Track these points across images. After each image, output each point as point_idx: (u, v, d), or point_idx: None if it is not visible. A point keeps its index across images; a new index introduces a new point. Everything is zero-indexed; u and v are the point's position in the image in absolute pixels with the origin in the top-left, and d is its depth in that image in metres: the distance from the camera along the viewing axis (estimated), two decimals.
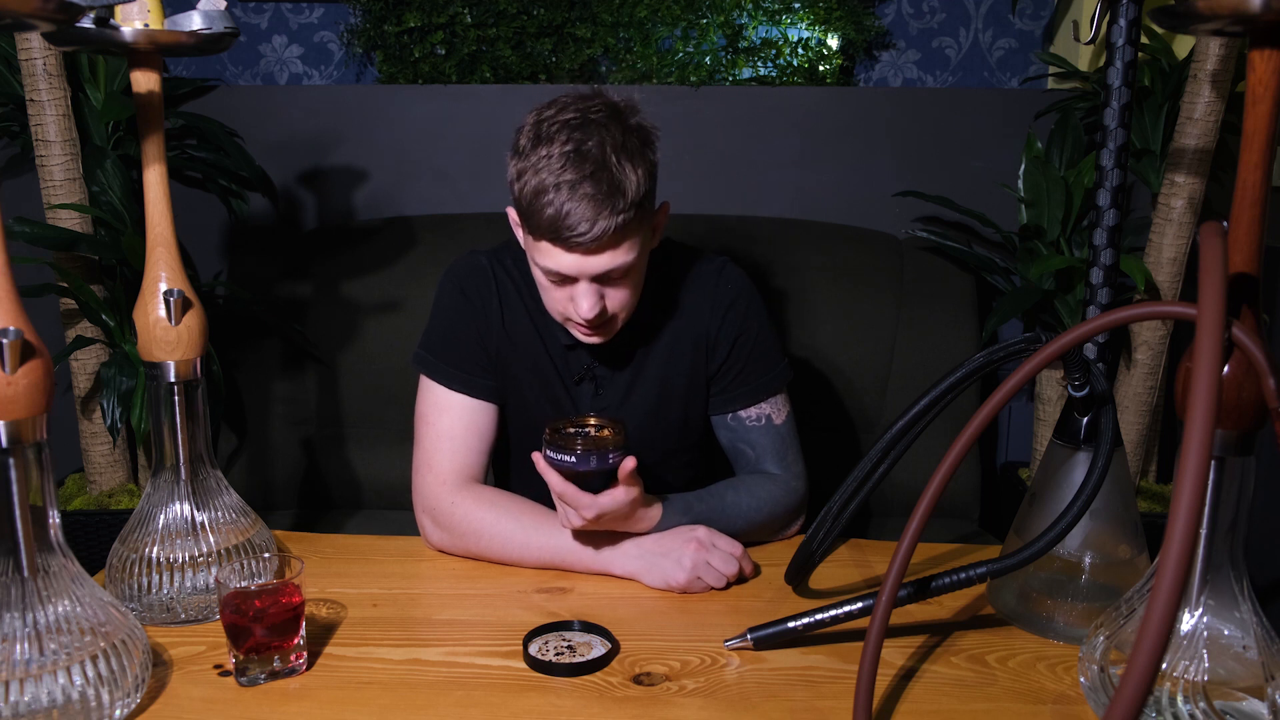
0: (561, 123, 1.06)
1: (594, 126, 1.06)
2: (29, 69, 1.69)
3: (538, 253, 1.09)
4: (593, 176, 1.03)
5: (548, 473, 1.05)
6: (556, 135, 1.05)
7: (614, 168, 1.04)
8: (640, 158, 1.07)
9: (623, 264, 1.08)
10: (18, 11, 0.71)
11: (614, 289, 1.11)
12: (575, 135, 1.05)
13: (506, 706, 0.87)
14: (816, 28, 2.05)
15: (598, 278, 1.09)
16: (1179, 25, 0.76)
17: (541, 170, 1.04)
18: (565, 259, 1.07)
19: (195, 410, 1.03)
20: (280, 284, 1.89)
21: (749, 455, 1.26)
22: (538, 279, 1.14)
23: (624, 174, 1.05)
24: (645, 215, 1.10)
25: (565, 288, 1.11)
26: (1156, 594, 0.51)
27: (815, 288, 1.84)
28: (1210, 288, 0.63)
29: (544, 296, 1.16)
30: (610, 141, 1.05)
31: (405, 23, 2.02)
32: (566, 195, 1.03)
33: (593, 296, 1.09)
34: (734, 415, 1.26)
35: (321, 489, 1.89)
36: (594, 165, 1.04)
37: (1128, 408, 1.85)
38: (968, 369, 0.90)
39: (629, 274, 1.11)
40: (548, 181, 1.03)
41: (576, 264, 1.07)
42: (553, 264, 1.08)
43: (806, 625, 0.95)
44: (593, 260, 1.07)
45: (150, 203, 1.01)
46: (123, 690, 0.83)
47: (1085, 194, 1.83)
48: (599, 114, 1.07)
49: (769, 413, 1.26)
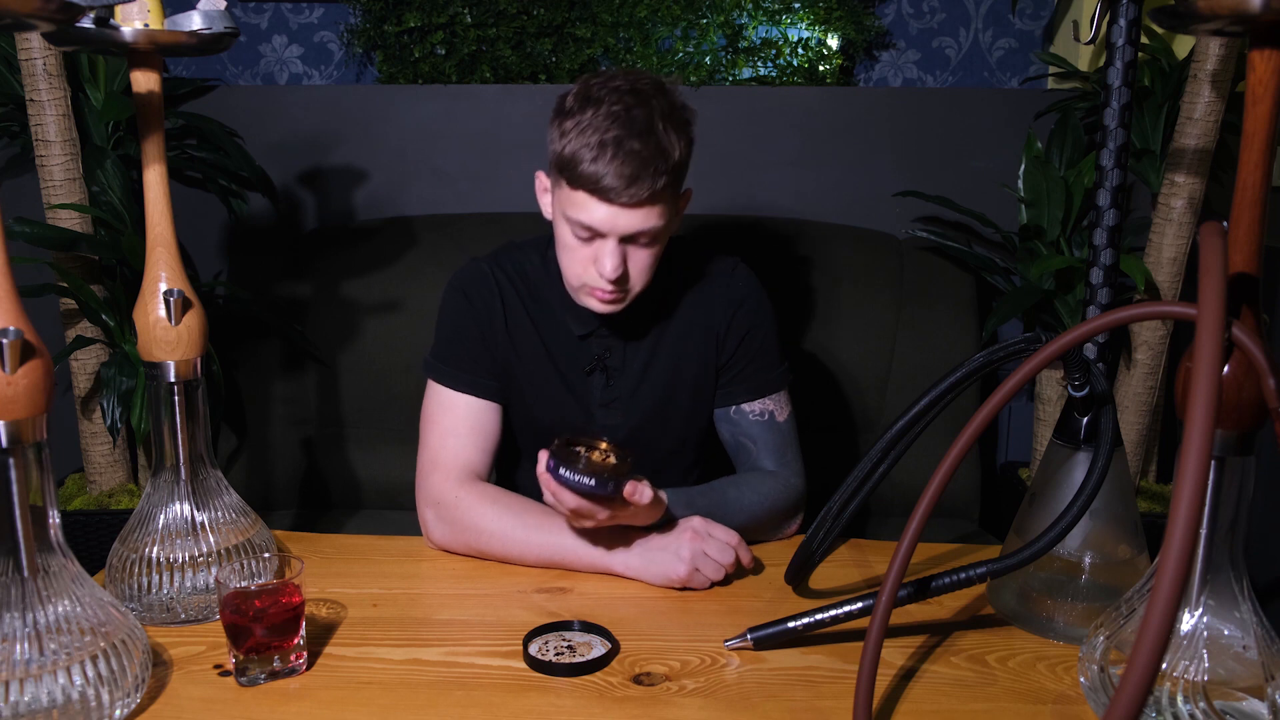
0: (611, 88, 1.11)
1: (642, 95, 1.11)
2: (29, 69, 1.69)
3: (571, 206, 1.12)
4: (640, 136, 1.08)
5: (560, 492, 1.03)
6: (606, 98, 1.10)
7: (660, 133, 1.09)
8: (683, 131, 1.12)
9: (651, 228, 1.12)
10: (18, 11, 0.71)
11: (637, 253, 1.14)
12: (625, 99, 1.10)
13: (506, 706, 0.87)
14: (816, 28, 2.05)
15: (625, 239, 1.12)
16: (1179, 25, 0.76)
17: (588, 128, 1.08)
18: (600, 212, 1.10)
19: (195, 410, 1.03)
20: (280, 284, 1.89)
21: (750, 450, 1.27)
22: (563, 241, 1.16)
23: (669, 140, 1.09)
24: (678, 187, 1.14)
25: (591, 246, 1.14)
26: (1156, 594, 0.51)
27: (815, 287, 1.84)
28: (1210, 288, 0.63)
29: (566, 260, 1.17)
30: (658, 110, 1.10)
31: (405, 23, 2.02)
32: (613, 150, 1.07)
33: (617, 256, 1.12)
34: (737, 409, 1.28)
35: (321, 489, 1.89)
36: (642, 127, 1.08)
37: (1128, 408, 1.85)
38: (968, 369, 0.91)
39: (653, 242, 1.15)
40: (594, 137, 1.08)
41: (609, 219, 1.10)
42: (586, 217, 1.10)
43: (806, 625, 0.95)
44: (625, 217, 1.10)
45: (150, 203, 1.01)
46: (123, 690, 0.83)
47: (1085, 194, 1.83)
48: (646, 85, 1.12)
49: (772, 409, 1.28)
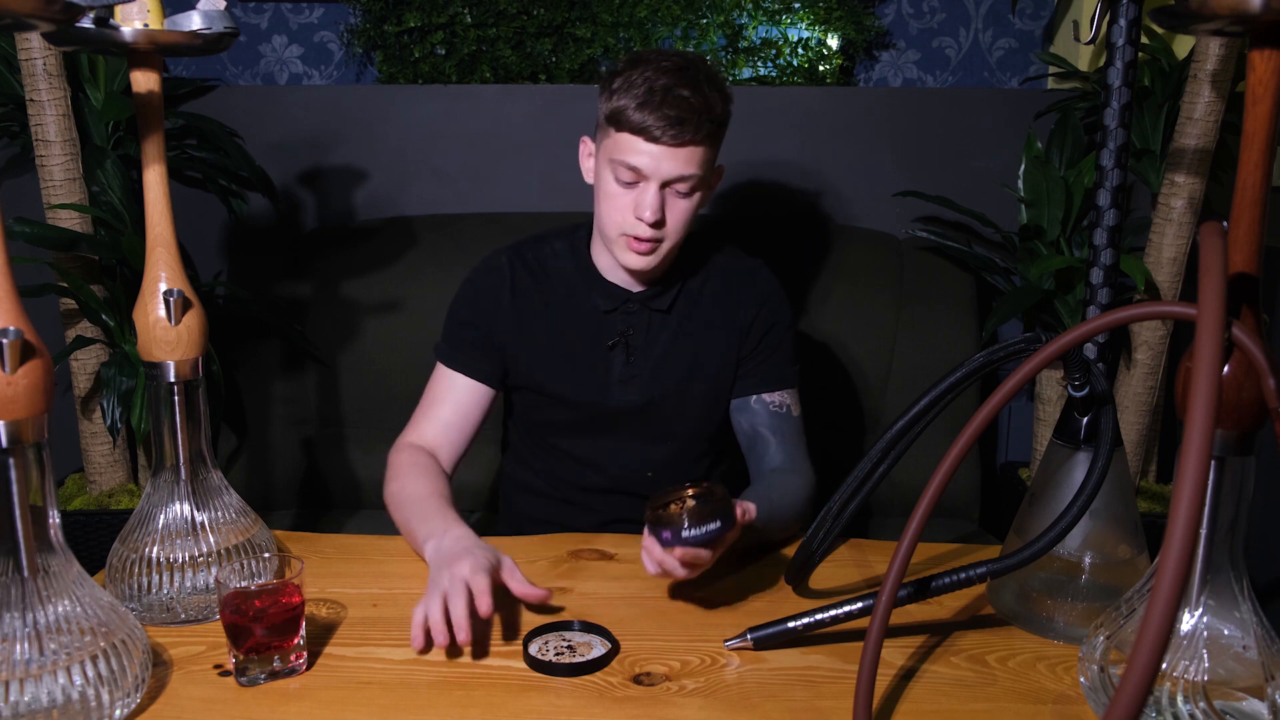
0: (659, 54, 1.20)
1: (690, 60, 1.20)
2: (29, 69, 1.69)
3: (618, 149, 1.18)
4: (688, 85, 1.16)
5: (684, 554, 0.97)
6: (655, 60, 1.18)
7: (705, 89, 1.17)
8: (725, 96, 1.21)
9: (691, 174, 1.18)
10: (18, 11, 0.71)
11: (675, 202, 1.20)
12: (674, 59, 1.19)
13: (506, 706, 0.87)
14: (816, 28, 2.05)
15: (666, 183, 1.18)
16: (1179, 25, 0.76)
17: (638, 80, 1.16)
18: (645, 151, 1.16)
19: (195, 410, 1.03)
20: (280, 284, 1.89)
21: (767, 440, 1.30)
22: (605, 190, 1.22)
23: (713, 96, 1.18)
24: (717, 143, 1.21)
25: (633, 191, 1.19)
26: (1156, 594, 0.51)
27: (815, 288, 1.84)
28: (1210, 288, 0.63)
29: (606, 210, 1.23)
30: (703, 74, 1.19)
31: (405, 23, 2.02)
32: (662, 95, 1.15)
33: (657, 200, 1.18)
34: (758, 398, 1.31)
35: (321, 489, 1.89)
36: (690, 82, 1.16)
37: (1128, 408, 1.85)
38: (968, 369, 0.90)
39: (690, 192, 1.20)
40: (644, 86, 1.15)
41: (653, 160, 1.16)
42: (632, 158, 1.17)
43: (806, 625, 0.95)
44: (669, 159, 1.16)
45: (150, 203, 1.01)
46: (123, 690, 0.83)
47: (1085, 194, 1.83)
48: (693, 57, 1.21)
49: (788, 403, 1.32)
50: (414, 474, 1.21)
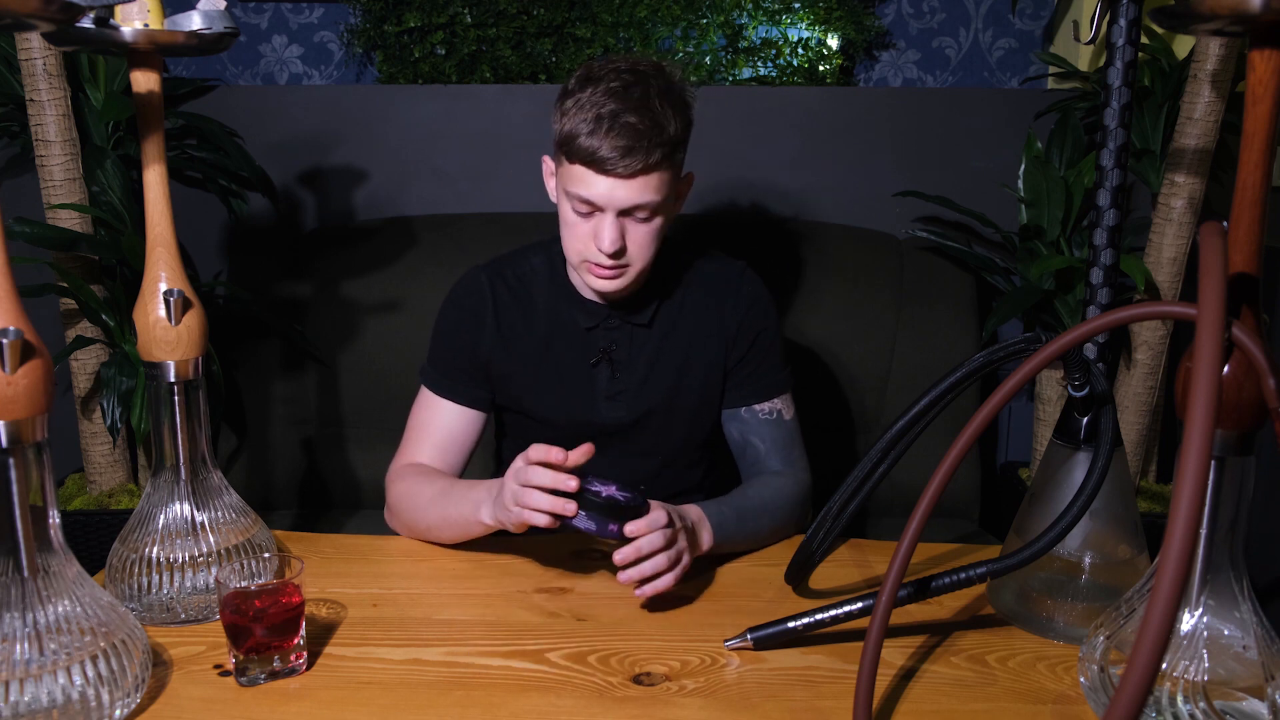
0: (611, 69, 1.15)
1: (640, 74, 1.15)
2: (29, 69, 1.69)
3: (571, 181, 1.15)
4: (636, 110, 1.11)
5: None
6: (605, 77, 1.14)
7: (655, 109, 1.12)
8: (680, 109, 1.15)
9: (648, 201, 1.14)
10: (18, 11, 0.71)
11: (635, 228, 1.17)
12: (624, 77, 1.14)
13: (506, 706, 0.87)
14: (816, 28, 2.05)
15: (623, 213, 1.15)
16: (1179, 25, 0.76)
17: (586, 104, 1.12)
18: (598, 185, 1.13)
19: (195, 410, 1.03)
20: (280, 284, 1.89)
21: (758, 449, 1.29)
22: (565, 219, 1.19)
23: (665, 115, 1.13)
24: (676, 162, 1.17)
25: (590, 221, 1.16)
26: (1156, 594, 0.51)
27: (815, 288, 1.84)
28: (1210, 288, 0.63)
29: (567, 238, 1.20)
30: (655, 88, 1.14)
31: (405, 23, 2.02)
32: (609, 122, 1.10)
33: (615, 230, 1.15)
34: (748, 408, 1.30)
35: (321, 489, 1.89)
36: (638, 102, 1.12)
37: (1128, 408, 1.85)
38: (968, 369, 0.90)
39: (650, 217, 1.17)
40: (591, 113, 1.11)
41: (607, 192, 1.13)
42: (584, 191, 1.13)
43: (806, 625, 0.95)
44: (622, 189, 1.12)
45: (150, 203, 1.01)
46: (123, 690, 0.83)
47: (1085, 194, 1.83)
48: (646, 66, 1.16)
49: (780, 408, 1.30)
50: (423, 480, 1.21)
